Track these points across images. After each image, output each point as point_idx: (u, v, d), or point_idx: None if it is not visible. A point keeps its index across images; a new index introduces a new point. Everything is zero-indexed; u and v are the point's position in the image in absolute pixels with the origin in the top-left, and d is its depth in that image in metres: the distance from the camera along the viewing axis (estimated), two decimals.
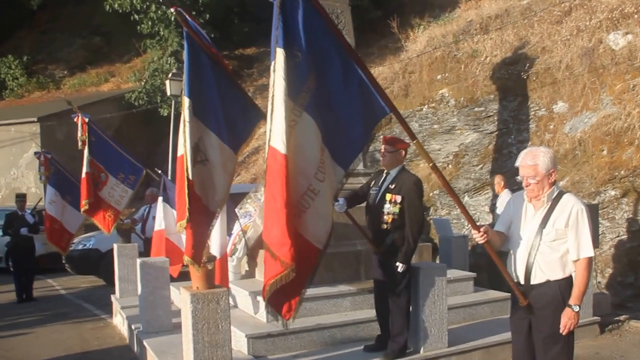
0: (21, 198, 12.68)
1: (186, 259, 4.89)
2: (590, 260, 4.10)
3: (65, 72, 29.25)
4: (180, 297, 5.42)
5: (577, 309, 4.06)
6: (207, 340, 5.11)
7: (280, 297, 4.40)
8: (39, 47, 30.50)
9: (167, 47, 22.98)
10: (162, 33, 22.70)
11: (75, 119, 9.45)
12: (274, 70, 4.10)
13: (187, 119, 4.80)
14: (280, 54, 4.11)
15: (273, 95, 4.10)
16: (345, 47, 4.34)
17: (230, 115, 5.08)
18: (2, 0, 28.19)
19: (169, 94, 17.82)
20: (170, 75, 17.93)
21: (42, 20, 31.21)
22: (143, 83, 22.63)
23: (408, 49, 16.47)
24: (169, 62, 22.17)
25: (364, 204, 6.35)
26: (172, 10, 4.88)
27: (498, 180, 10.04)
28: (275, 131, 4.10)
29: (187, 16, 4.94)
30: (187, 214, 4.76)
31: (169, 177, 11.32)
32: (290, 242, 4.12)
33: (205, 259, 4.95)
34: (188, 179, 4.76)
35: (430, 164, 4.37)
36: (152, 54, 23.97)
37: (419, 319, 6.22)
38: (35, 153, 11.80)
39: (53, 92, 27.71)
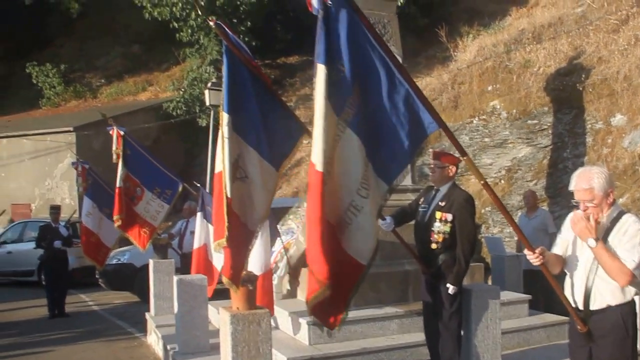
0: (55, 210, 12.86)
1: (224, 279, 4.86)
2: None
3: (103, 80, 29.81)
4: (220, 317, 5.39)
5: None
6: None
7: (324, 311, 4.37)
8: (77, 55, 31.15)
9: (206, 55, 23.19)
10: (201, 41, 22.93)
11: (110, 132, 9.54)
12: (317, 85, 4.08)
13: (226, 135, 4.79)
14: (321, 71, 4.08)
15: (315, 111, 4.09)
16: (391, 59, 4.29)
17: (271, 131, 5.07)
18: (41, 9, 28.88)
19: (207, 103, 17.97)
20: (209, 84, 18.08)
21: (80, 29, 31.86)
22: (181, 92, 22.87)
23: (457, 58, 16.33)
24: (208, 71, 22.35)
25: (412, 222, 6.25)
26: (211, 22, 4.89)
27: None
28: (315, 147, 4.09)
29: (226, 29, 4.94)
30: (226, 232, 4.74)
31: (207, 190, 11.35)
32: (325, 260, 4.08)
33: (245, 278, 4.91)
34: (226, 196, 4.75)
35: (482, 182, 4.27)
36: (191, 63, 24.23)
37: (471, 344, 6.08)
38: (73, 163, 11.95)
39: (90, 101, 28.24)
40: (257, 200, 4.95)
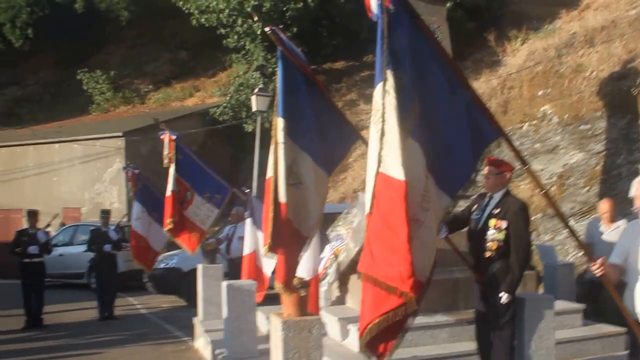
0: (105, 214, 13.05)
1: (277, 284, 4.85)
2: None
3: (151, 86, 30.24)
4: (271, 323, 5.38)
5: None
6: None
7: (377, 336, 4.27)
8: (126, 62, 31.68)
9: (252, 61, 23.36)
10: (247, 47, 23.12)
11: (162, 137, 9.62)
12: (386, 93, 4.00)
13: (280, 140, 4.79)
14: (390, 76, 4.01)
15: (383, 120, 4.00)
16: (452, 67, 4.22)
17: (324, 136, 5.04)
18: (92, 16, 29.47)
19: (254, 109, 18.07)
20: (256, 90, 18.19)
21: (129, 36, 32.44)
22: (228, 98, 23.05)
23: (507, 63, 16.12)
24: (254, 76, 22.49)
25: (465, 229, 6.16)
26: (267, 29, 4.90)
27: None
28: (389, 157, 4.00)
29: (281, 35, 4.94)
30: (271, 238, 4.73)
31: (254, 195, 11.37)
32: (412, 273, 4.02)
33: (298, 284, 4.89)
34: (278, 202, 4.74)
35: (542, 192, 4.18)
36: (238, 69, 24.41)
37: (524, 354, 5.95)
38: (123, 168, 12.10)
39: (138, 106, 28.67)
40: (311, 206, 4.93)
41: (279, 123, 4.79)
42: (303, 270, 6.06)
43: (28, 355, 9.61)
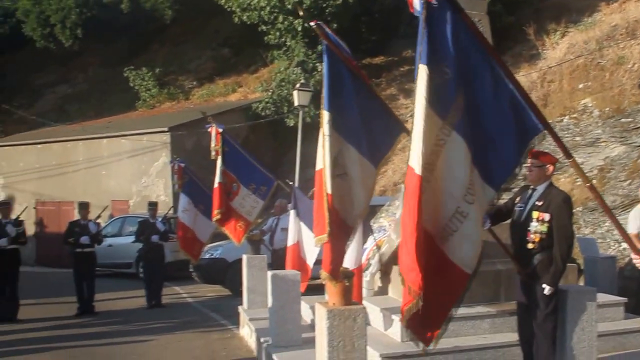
0: (153, 206, 13.23)
1: (323, 274, 4.87)
2: None
3: (195, 83, 30.52)
4: (316, 312, 5.40)
5: None
6: (342, 359, 5.05)
7: (420, 324, 4.27)
8: (171, 59, 32.03)
9: (293, 57, 23.39)
10: (288, 44, 23.14)
11: (209, 129, 9.69)
12: (416, 88, 3.99)
13: (326, 132, 4.80)
14: (422, 71, 3.98)
15: (414, 114, 3.99)
16: (496, 60, 4.17)
17: (370, 129, 5.03)
18: (138, 16, 29.86)
19: (296, 104, 18.11)
20: (297, 85, 18.22)
21: (174, 34, 32.79)
22: (270, 93, 23.14)
23: (547, 56, 15.88)
24: (295, 72, 22.52)
25: (507, 221, 6.09)
26: (312, 23, 4.90)
27: None
28: (413, 150, 3.99)
29: (327, 29, 4.94)
30: (328, 228, 4.74)
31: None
32: (419, 269, 3.98)
33: (343, 274, 4.90)
34: (327, 193, 4.75)
35: (587, 184, 4.12)
36: (279, 65, 24.47)
37: (566, 346, 5.87)
38: (170, 162, 12.25)
39: (182, 102, 28.94)
40: (356, 197, 4.93)
41: (325, 116, 4.79)
42: (348, 261, 6.07)
43: (81, 340, 9.84)
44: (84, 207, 12.45)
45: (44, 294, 14.20)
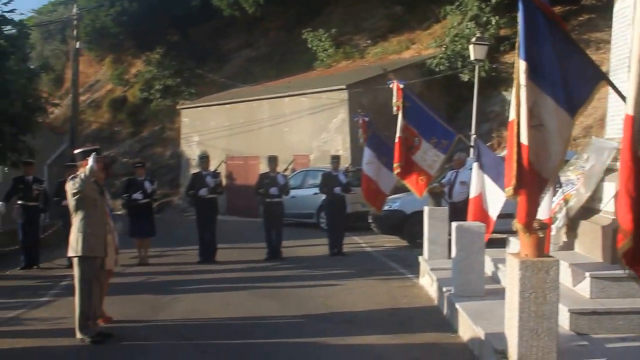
0: (335, 159, 13.51)
1: (517, 225, 4.71)
2: None
3: (369, 41, 30.49)
4: (507, 263, 5.25)
5: None
6: (533, 310, 4.90)
7: (635, 259, 4.04)
8: (345, 19, 32.21)
9: (466, 12, 22.66)
10: None
11: (390, 86, 9.63)
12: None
13: (522, 82, 4.57)
14: None
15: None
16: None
17: (567, 77, 4.71)
18: None
19: (472, 58, 17.57)
20: (473, 39, 17.65)
21: None
22: (444, 49, 22.63)
23: None
24: (469, 26, 21.85)
25: None
26: None
27: None
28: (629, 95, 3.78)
29: None
30: (515, 180, 4.57)
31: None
32: (629, 208, 3.85)
33: (537, 225, 4.70)
34: (520, 144, 4.56)
35: None
36: (452, 20, 23.82)
37: None
38: (354, 116, 12.35)
39: (358, 61, 29.08)
40: (552, 149, 4.66)
41: (521, 65, 4.55)
42: (541, 212, 5.82)
43: (272, 282, 10.41)
44: (273, 160, 12.96)
45: (236, 240, 15.07)
